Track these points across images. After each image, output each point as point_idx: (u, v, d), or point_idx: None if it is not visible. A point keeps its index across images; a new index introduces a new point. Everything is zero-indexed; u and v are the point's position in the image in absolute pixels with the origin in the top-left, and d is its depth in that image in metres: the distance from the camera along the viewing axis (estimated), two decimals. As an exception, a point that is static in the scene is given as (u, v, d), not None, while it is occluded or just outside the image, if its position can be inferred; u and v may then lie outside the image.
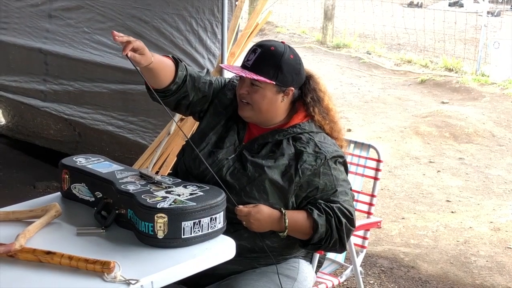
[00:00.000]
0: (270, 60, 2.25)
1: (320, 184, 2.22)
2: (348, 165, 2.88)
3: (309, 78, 2.37)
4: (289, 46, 2.33)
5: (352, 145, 2.94)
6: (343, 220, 2.17)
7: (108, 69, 4.60)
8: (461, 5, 13.78)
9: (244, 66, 2.29)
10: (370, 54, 10.25)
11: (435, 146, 6.27)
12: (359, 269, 2.80)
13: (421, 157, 5.98)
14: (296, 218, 2.19)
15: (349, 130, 6.60)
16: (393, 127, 6.78)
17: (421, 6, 13.95)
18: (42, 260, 1.81)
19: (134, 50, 2.10)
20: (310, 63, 9.64)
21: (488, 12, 9.98)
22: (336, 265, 2.92)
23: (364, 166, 2.90)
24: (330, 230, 2.16)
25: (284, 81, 2.27)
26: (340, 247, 2.22)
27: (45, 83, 5.02)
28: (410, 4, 14.19)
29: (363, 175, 2.91)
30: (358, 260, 2.81)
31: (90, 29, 4.71)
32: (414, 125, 6.74)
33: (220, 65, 3.78)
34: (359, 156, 2.92)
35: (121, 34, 2.06)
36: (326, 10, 11.03)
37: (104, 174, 2.19)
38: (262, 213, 2.17)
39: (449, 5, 13.97)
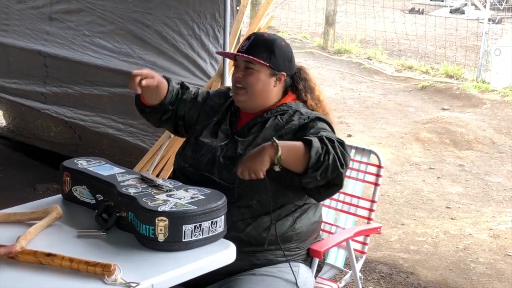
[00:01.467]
0: (263, 44, 2.40)
1: (306, 133, 2.26)
2: (349, 170, 2.91)
3: (299, 69, 2.52)
4: (281, 36, 2.48)
5: (353, 151, 2.94)
6: (333, 138, 2.16)
7: (108, 72, 4.61)
8: (463, 12, 13.80)
9: (238, 52, 2.42)
10: (371, 60, 10.26)
11: (435, 153, 6.27)
12: (359, 274, 2.80)
13: (421, 163, 5.99)
14: (288, 141, 2.16)
15: (350, 136, 6.60)
16: (393, 133, 6.78)
17: (422, 13, 13.96)
18: (43, 262, 1.82)
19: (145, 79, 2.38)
20: (311, 68, 9.62)
21: (489, 19, 9.97)
22: (336, 270, 2.92)
23: (365, 172, 2.90)
24: (326, 145, 2.11)
25: (277, 65, 2.40)
26: (341, 165, 2.12)
27: (44, 85, 5.03)
28: (412, 11, 14.22)
29: (363, 181, 2.90)
30: (358, 266, 2.80)
31: (90, 32, 4.72)
32: (415, 131, 6.75)
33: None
34: (360, 162, 2.92)
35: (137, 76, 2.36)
36: (327, 15, 11.05)
37: (105, 177, 2.19)
38: (252, 152, 2.12)
39: (450, 12, 13.99)
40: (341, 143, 2.19)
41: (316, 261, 2.48)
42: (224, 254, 1.99)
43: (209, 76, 4.22)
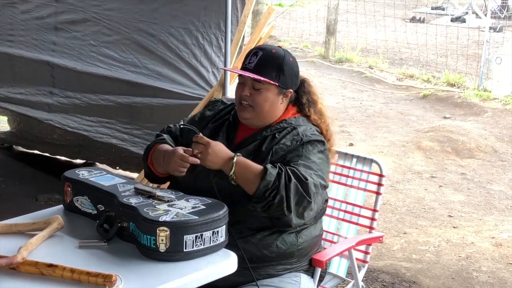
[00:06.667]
0: (272, 62, 2.33)
1: (287, 157, 2.24)
2: (351, 179, 2.92)
3: (303, 81, 2.47)
4: (287, 50, 2.41)
5: (354, 160, 2.95)
6: (293, 178, 2.11)
7: (115, 82, 4.62)
8: (464, 21, 13.78)
9: (246, 68, 2.34)
10: (372, 68, 10.27)
11: (437, 161, 6.27)
12: (361, 284, 2.79)
13: (423, 172, 5.98)
14: (249, 163, 2.18)
15: (351, 145, 6.61)
16: (395, 141, 6.78)
17: (423, 21, 13.96)
18: (44, 272, 1.81)
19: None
20: (313, 77, 9.64)
21: (490, 28, 9.97)
22: (338, 280, 2.91)
23: (367, 181, 2.90)
24: (278, 184, 2.10)
25: (285, 83, 2.35)
26: (287, 208, 2.11)
27: (51, 95, 5.03)
28: (413, 19, 14.22)
29: (365, 190, 2.90)
30: (360, 275, 2.80)
31: (96, 42, 4.73)
32: (416, 140, 6.75)
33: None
34: (362, 171, 2.92)
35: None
36: (328, 24, 11.07)
37: (106, 187, 2.19)
38: (220, 147, 2.20)
39: (451, 21, 13.97)
40: (303, 182, 2.12)
41: (319, 270, 2.47)
42: (225, 264, 1.99)
43: (210, 86, 4.23)
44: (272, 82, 2.30)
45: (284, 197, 2.10)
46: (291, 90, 2.38)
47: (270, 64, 2.32)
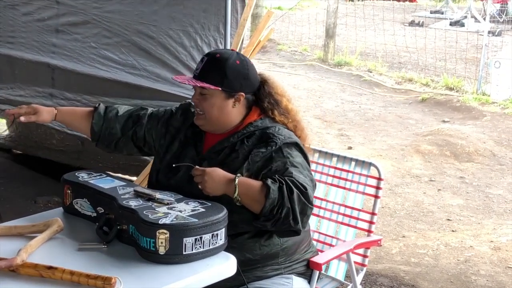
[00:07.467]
0: (214, 66, 2.30)
1: (273, 166, 2.21)
2: (349, 183, 2.93)
3: (263, 83, 2.41)
4: (237, 53, 2.37)
5: (353, 163, 2.95)
6: (295, 190, 2.10)
7: (115, 84, 4.63)
8: (462, 25, 13.79)
9: (194, 76, 2.34)
10: (371, 72, 10.27)
11: (435, 165, 6.27)
12: (359, 287, 2.79)
13: (421, 176, 5.99)
14: (250, 182, 2.14)
15: (350, 148, 6.61)
16: (394, 145, 6.78)
17: (422, 25, 13.98)
18: (44, 275, 1.82)
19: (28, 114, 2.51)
20: (312, 80, 9.67)
21: (489, 32, 9.98)
22: (336, 283, 2.92)
23: (365, 184, 2.91)
24: (282, 198, 2.07)
25: (231, 86, 2.30)
26: (293, 220, 2.10)
27: (51, 97, 5.03)
28: (411, 23, 14.23)
29: (363, 193, 2.91)
30: (358, 279, 2.80)
31: (97, 44, 4.74)
32: (415, 144, 6.75)
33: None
34: (360, 174, 2.93)
35: (11, 111, 2.52)
36: (327, 28, 11.08)
37: (106, 190, 2.20)
38: (217, 172, 2.15)
39: (450, 24, 13.98)
40: (304, 192, 2.12)
41: (317, 273, 2.48)
42: (224, 266, 2.00)
43: (209, 89, 4.22)
44: (212, 87, 2.27)
45: (290, 209, 2.09)
46: (243, 94, 2.33)
47: (212, 69, 2.29)
